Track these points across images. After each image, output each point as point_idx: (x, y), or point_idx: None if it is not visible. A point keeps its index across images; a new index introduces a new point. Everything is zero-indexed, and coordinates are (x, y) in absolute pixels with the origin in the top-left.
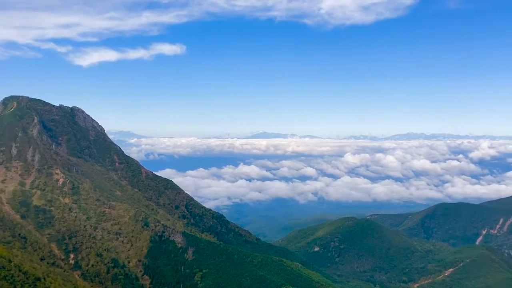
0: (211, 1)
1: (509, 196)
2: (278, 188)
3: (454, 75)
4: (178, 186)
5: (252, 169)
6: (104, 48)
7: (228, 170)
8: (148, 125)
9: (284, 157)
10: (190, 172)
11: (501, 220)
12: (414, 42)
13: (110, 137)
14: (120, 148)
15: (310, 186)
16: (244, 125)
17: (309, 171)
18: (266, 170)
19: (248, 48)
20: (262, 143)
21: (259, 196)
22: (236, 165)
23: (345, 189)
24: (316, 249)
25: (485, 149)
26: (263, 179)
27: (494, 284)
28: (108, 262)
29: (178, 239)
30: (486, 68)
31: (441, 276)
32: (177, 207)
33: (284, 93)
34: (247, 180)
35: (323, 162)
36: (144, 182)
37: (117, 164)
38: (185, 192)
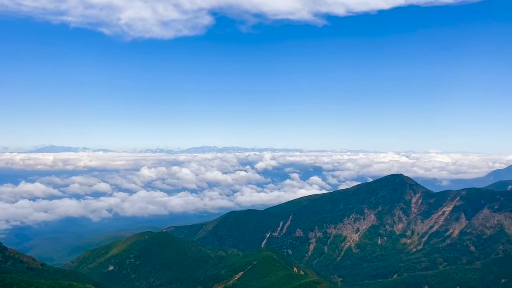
0: None
1: (287, 201)
2: (68, 207)
3: (239, 96)
4: None
5: (36, 187)
6: None
7: (6, 189)
8: None
9: (75, 172)
10: None
11: (281, 223)
12: (209, 61)
13: None
14: None
15: (104, 202)
16: (27, 137)
17: (103, 186)
18: (54, 188)
19: (36, 53)
20: (48, 157)
21: (45, 216)
22: (16, 183)
23: (142, 203)
24: (111, 268)
25: (267, 160)
26: (50, 197)
27: (276, 280)
28: None
29: None
30: (264, 89)
31: (232, 280)
32: None
33: (75, 103)
34: (30, 199)
35: (118, 176)
36: None
37: None
38: None
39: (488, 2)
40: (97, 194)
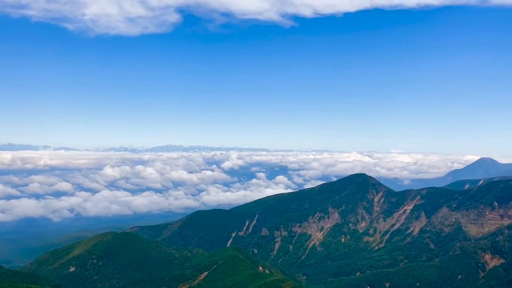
0: None
1: (253, 200)
2: (27, 207)
3: (206, 94)
4: None
5: None
6: None
7: None
8: None
9: (35, 171)
10: None
11: (247, 222)
12: (176, 59)
13: None
14: None
15: (66, 202)
16: None
17: (65, 186)
18: (12, 187)
19: None
20: (6, 156)
21: (2, 217)
22: None
23: (105, 203)
24: (72, 269)
25: (234, 160)
26: (8, 197)
27: (242, 280)
28: None
29: None
30: (231, 89)
31: (197, 280)
32: None
33: (35, 100)
34: None
35: (81, 176)
36: None
37: None
38: None
39: (447, 8)
40: (58, 194)
